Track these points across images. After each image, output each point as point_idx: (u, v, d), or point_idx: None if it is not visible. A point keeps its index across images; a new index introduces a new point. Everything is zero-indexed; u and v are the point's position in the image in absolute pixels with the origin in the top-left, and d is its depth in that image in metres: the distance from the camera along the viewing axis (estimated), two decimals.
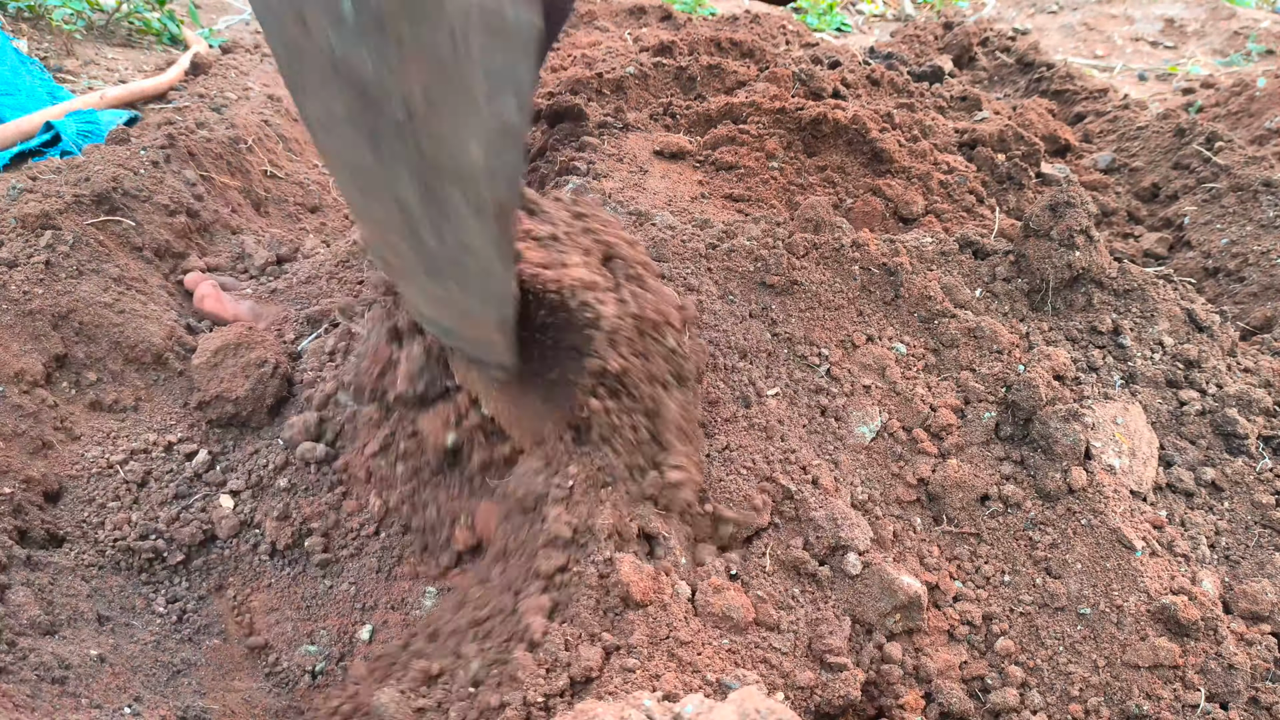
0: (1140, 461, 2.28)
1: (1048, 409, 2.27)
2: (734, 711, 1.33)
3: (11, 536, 2.02)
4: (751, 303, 2.48)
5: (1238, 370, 2.59)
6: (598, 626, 1.71)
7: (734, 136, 3.59)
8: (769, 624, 1.86)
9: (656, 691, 1.62)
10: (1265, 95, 4.46)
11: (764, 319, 2.46)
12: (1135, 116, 4.41)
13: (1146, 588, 2.00)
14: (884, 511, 2.18)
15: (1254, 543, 2.20)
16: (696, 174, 3.46)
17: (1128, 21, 6.47)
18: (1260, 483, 2.31)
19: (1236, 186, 3.59)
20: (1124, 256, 3.31)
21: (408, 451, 2.11)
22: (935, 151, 3.74)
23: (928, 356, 2.46)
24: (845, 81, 4.10)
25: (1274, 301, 3.09)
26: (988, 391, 2.39)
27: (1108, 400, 2.40)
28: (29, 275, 2.49)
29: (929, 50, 6.04)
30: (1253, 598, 2.04)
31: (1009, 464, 2.27)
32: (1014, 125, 4.06)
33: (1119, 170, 4.21)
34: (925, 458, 2.27)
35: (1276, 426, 2.42)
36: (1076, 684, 1.93)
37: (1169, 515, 2.24)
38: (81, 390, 2.44)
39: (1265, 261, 3.22)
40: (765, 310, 2.47)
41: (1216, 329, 2.61)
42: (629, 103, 3.96)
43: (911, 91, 4.37)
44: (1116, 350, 2.54)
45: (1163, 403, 2.44)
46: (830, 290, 2.50)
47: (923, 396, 2.35)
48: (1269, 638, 1.98)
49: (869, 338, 2.46)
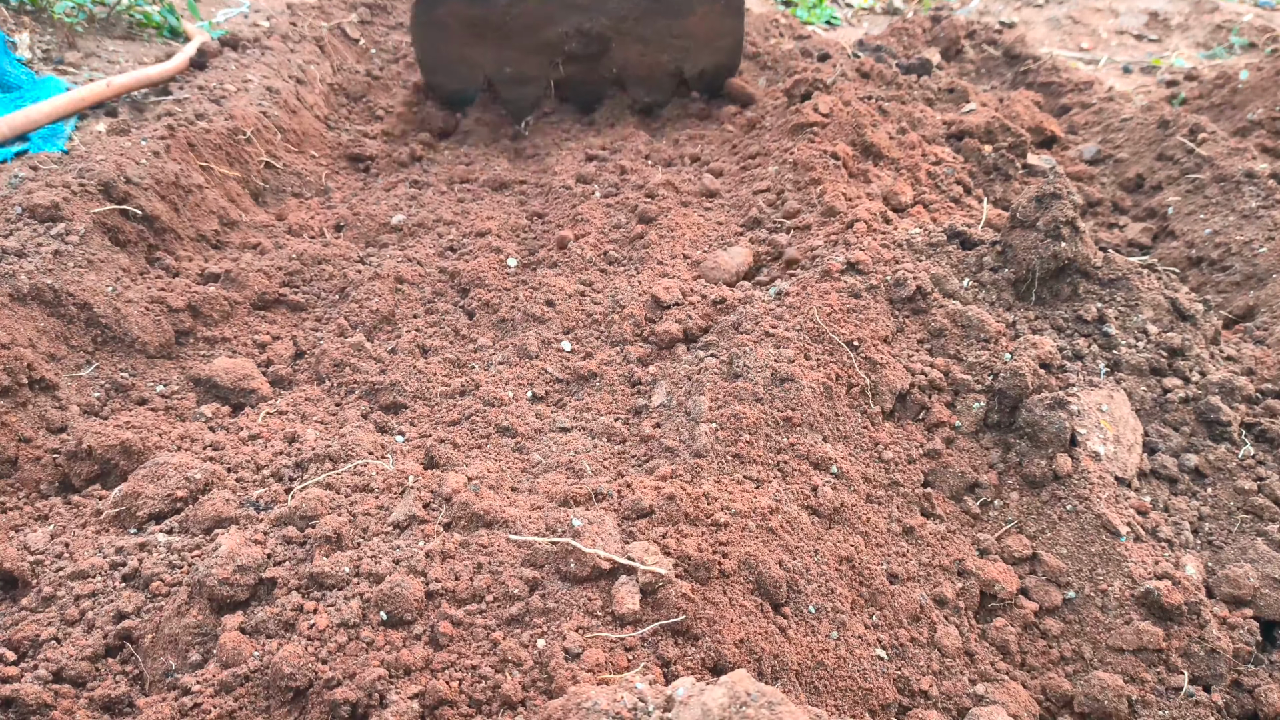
0: (1125, 448, 2.31)
1: (1034, 397, 2.30)
2: (725, 693, 1.35)
3: None
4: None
5: (1220, 358, 2.63)
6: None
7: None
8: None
9: (648, 674, 1.66)
10: (1247, 87, 4.50)
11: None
12: (1120, 108, 4.45)
13: (1131, 572, 2.04)
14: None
15: (1236, 528, 2.24)
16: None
17: (1113, 15, 6.51)
18: (1243, 469, 2.34)
19: (1219, 177, 3.63)
20: (1109, 246, 3.35)
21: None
22: (924, 144, 3.78)
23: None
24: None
25: (1256, 290, 3.13)
26: (975, 380, 2.43)
27: (1093, 387, 2.44)
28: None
29: (917, 43, 6.06)
30: (1235, 582, 2.07)
31: (997, 450, 2.31)
32: (1000, 117, 4.09)
33: (1104, 161, 4.25)
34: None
35: (1259, 414, 2.46)
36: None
37: (1153, 501, 2.27)
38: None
39: (1248, 251, 3.25)
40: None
41: (1200, 317, 2.64)
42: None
43: (900, 84, 4.41)
44: (1102, 339, 2.58)
45: (1147, 390, 2.48)
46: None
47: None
48: (1250, 621, 2.01)
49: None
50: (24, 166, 3.03)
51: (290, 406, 2.55)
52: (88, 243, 2.71)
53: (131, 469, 2.23)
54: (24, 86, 3.95)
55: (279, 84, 4.18)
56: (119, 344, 2.61)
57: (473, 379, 2.65)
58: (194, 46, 4.51)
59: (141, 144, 3.22)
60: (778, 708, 1.33)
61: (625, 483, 2.09)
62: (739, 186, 3.68)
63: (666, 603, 1.75)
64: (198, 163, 3.35)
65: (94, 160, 3.03)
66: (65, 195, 2.79)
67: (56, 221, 2.73)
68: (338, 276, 3.09)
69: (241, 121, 3.69)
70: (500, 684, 1.64)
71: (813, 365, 2.42)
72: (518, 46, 4.33)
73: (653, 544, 1.85)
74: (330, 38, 5.09)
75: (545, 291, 2.96)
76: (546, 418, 2.55)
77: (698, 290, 2.94)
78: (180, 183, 3.20)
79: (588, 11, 4.29)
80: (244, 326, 2.89)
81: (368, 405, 2.58)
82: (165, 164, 3.19)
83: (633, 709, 1.43)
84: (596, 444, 2.44)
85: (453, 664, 1.68)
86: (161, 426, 2.40)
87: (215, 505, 2.05)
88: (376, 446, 2.30)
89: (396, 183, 3.89)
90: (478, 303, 2.97)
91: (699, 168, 3.90)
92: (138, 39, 4.98)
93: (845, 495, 2.15)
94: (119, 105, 3.98)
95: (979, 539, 2.21)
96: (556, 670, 1.63)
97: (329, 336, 2.85)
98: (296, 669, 1.62)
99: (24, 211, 2.72)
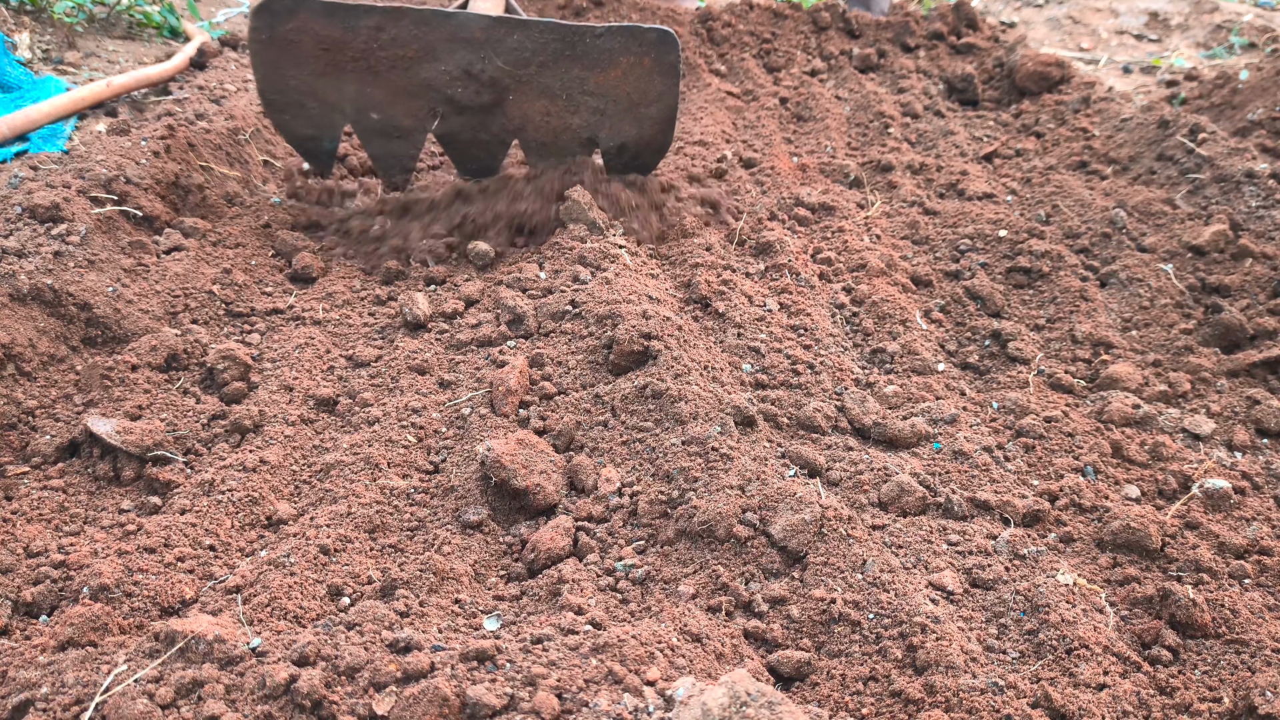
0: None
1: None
2: (725, 693, 1.35)
3: None
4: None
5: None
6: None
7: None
8: None
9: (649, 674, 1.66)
10: (1248, 87, 4.50)
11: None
12: (1120, 108, 4.46)
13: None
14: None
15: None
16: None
17: (1112, 15, 6.51)
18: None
19: (1219, 177, 3.64)
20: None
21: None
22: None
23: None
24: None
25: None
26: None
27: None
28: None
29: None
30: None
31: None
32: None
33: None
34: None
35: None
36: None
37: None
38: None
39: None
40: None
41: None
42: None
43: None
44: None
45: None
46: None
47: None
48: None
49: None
50: (24, 166, 3.03)
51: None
52: (88, 243, 2.71)
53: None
54: (23, 87, 3.95)
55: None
56: (119, 344, 2.62)
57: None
58: (194, 46, 4.51)
59: (141, 144, 3.23)
60: (778, 708, 1.33)
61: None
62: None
63: None
64: (198, 163, 3.36)
65: (94, 160, 3.04)
66: (65, 195, 2.79)
67: (57, 222, 2.73)
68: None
69: (242, 121, 3.69)
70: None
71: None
72: (387, 85, 3.18)
73: None
74: None
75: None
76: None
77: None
78: (180, 183, 3.20)
79: (479, 48, 3.13)
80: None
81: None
82: (165, 164, 3.19)
83: (634, 710, 1.44)
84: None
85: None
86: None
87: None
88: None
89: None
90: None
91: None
92: (138, 39, 4.98)
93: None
94: (119, 105, 3.99)
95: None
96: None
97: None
98: None
99: (24, 211, 2.73)
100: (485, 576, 2.04)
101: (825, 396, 2.59)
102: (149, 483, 2.23)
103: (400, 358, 2.65)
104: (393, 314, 2.89)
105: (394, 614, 1.79)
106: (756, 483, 2.15)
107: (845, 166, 4.02)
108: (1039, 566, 2.08)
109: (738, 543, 2.04)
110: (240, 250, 3.10)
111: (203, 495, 2.13)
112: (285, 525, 2.13)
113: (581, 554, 2.07)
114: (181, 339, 2.61)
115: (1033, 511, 2.25)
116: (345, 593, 1.91)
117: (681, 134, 4.24)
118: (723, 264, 3.09)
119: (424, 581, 1.93)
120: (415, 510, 2.18)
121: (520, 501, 2.20)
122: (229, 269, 2.96)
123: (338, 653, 1.60)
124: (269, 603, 1.82)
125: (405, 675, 1.57)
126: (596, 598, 1.92)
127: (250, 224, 3.24)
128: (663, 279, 3.01)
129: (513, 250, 3.21)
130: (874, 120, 4.63)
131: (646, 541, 2.11)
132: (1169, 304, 3.10)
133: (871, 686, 1.76)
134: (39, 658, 1.69)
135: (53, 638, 1.74)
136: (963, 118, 4.77)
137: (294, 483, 2.27)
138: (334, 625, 1.74)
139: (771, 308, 2.92)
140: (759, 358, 2.70)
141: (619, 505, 2.18)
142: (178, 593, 1.88)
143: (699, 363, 2.54)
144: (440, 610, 1.88)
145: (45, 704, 1.55)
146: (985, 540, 2.14)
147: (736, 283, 2.98)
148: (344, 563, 1.96)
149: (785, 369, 2.67)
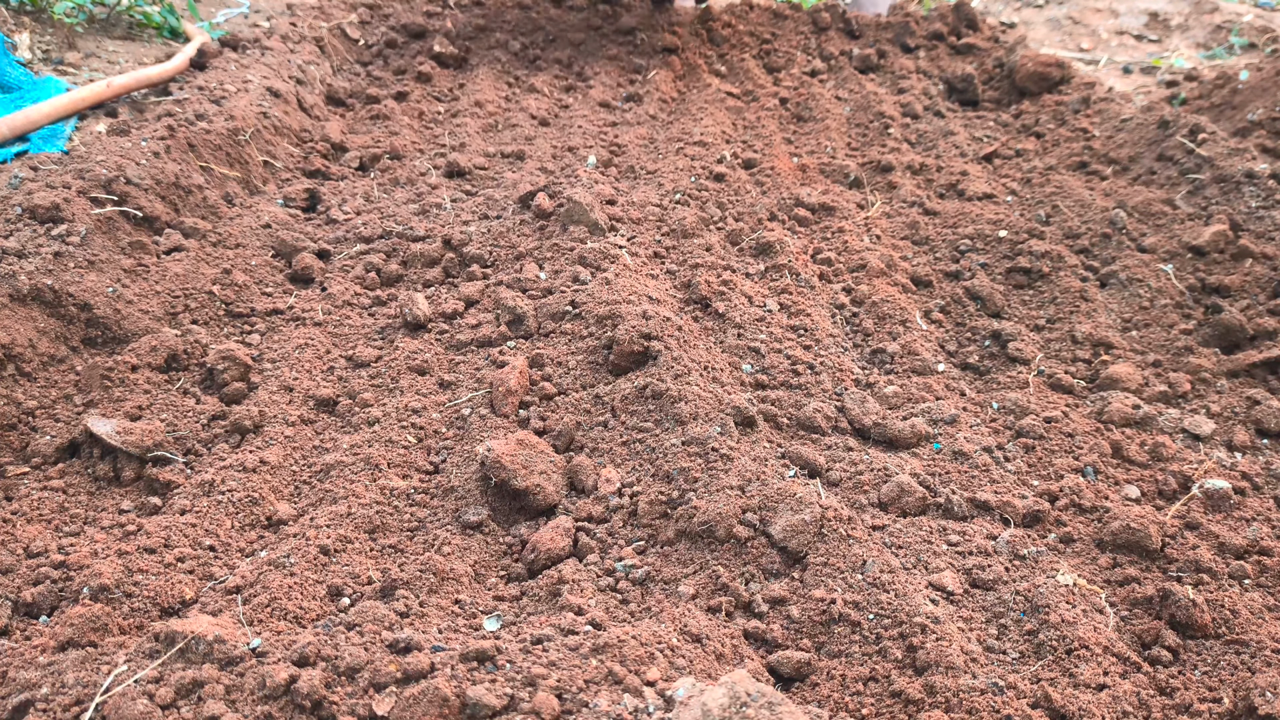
0: None
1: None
2: (725, 693, 1.35)
3: None
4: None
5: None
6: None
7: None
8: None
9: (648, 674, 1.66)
10: (1247, 88, 4.50)
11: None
12: (1120, 109, 4.46)
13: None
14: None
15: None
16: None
17: (1112, 15, 6.51)
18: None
19: (1219, 178, 3.64)
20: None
21: None
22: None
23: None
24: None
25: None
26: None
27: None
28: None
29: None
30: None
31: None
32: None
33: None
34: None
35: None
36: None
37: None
38: None
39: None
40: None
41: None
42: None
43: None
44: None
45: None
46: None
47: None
48: None
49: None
50: (24, 167, 3.03)
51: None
52: (88, 243, 2.71)
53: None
54: (23, 87, 3.95)
55: (279, 85, 4.18)
56: (120, 344, 2.62)
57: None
58: (194, 47, 4.51)
59: (141, 144, 3.23)
60: (778, 708, 1.33)
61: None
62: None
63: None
64: (198, 163, 3.36)
65: (94, 161, 3.04)
66: (66, 196, 2.79)
67: (57, 223, 2.73)
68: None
69: (241, 122, 3.69)
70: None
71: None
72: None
73: None
74: (330, 38, 5.09)
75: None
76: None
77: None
78: (180, 183, 3.20)
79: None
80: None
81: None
82: (165, 164, 3.19)
83: (634, 710, 1.44)
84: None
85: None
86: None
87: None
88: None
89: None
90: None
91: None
92: (138, 39, 4.98)
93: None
94: (119, 105, 3.99)
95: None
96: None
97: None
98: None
99: (24, 212, 2.73)
100: (485, 577, 2.04)
101: (825, 397, 2.59)
102: (149, 483, 2.23)
103: (400, 358, 2.65)
104: (393, 314, 2.89)
105: (394, 614, 1.79)
106: (756, 483, 2.15)
107: (845, 167, 4.02)
108: (1039, 567, 2.07)
109: (738, 543, 2.04)
110: (240, 250, 3.10)
111: (203, 496, 2.13)
112: (285, 525, 2.13)
113: (581, 554, 2.07)
114: (181, 339, 2.61)
115: (1033, 512, 2.24)
116: (345, 593, 1.91)
117: (681, 134, 4.24)
118: (723, 264, 3.09)
119: (424, 582, 1.93)
120: (415, 510, 2.18)
121: (520, 502, 2.20)
122: (229, 269, 2.97)
123: (338, 653, 1.60)
124: (269, 603, 1.82)
125: (405, 675, 1.57)
126: (596, 598, 1.92)
127: (250, 224, 3.24)
128: (662, 279, 3.01)
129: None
130: (874, 121, 4.63)
131: (646, 542, 2.11)
132: (1169, 304, 3.09)
133: (871, 687, 1.76)
134: (39, 658, 1.69)
135: (53, 638, 1.74)
136: (963, 118, 4.77)
137: (294, 483, 2.27)
138: (334, 625, 1.74)
139: (771, 308, 2.92)
140: (759, 358, 2.70)
141: (619, 506, 2.18)
142: (178, 593, 1.88)
143: (699, 363, 2.54)
144: (440, 611, 1.88)
145: (45, 704, 1.55)
146: (985, 540, 2.14)
147: (736, 283, 2.98)
148: (344, 563, 1.96)
149: (785, 369, 2.67)
